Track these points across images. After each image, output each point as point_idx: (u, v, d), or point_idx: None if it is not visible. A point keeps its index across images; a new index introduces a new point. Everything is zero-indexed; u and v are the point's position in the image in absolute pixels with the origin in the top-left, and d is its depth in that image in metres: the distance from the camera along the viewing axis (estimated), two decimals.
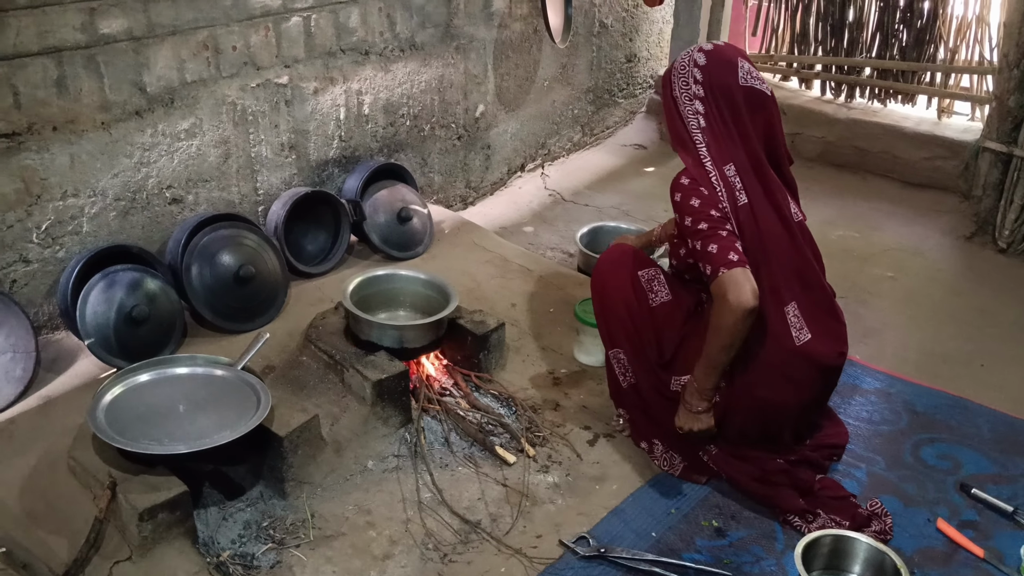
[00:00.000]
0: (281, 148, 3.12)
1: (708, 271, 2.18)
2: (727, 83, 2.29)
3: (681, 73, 2.32)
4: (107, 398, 2.22)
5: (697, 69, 2.30)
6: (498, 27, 3.85)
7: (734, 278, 2.13)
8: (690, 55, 2.33)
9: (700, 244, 2.20)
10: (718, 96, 2.29)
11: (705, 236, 2.19)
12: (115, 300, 2.53)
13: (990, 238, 3.83)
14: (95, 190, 2.64)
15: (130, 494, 2.04)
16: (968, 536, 2.30)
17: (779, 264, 2.30)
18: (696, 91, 2.30)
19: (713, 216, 2.21)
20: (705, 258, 2.18)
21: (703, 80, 2.29)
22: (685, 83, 2.31)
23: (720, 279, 2.15)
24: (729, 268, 2.14)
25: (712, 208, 2.22)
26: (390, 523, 2.28)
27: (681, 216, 2.27)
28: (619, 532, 2.27)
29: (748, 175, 2.29)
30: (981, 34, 4.13)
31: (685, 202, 2.25)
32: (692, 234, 2.23)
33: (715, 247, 2.17)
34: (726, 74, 2.29)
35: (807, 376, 2.35)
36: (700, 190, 2.24)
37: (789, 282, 2.32)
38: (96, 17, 2.48)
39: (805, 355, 2.30)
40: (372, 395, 2.46)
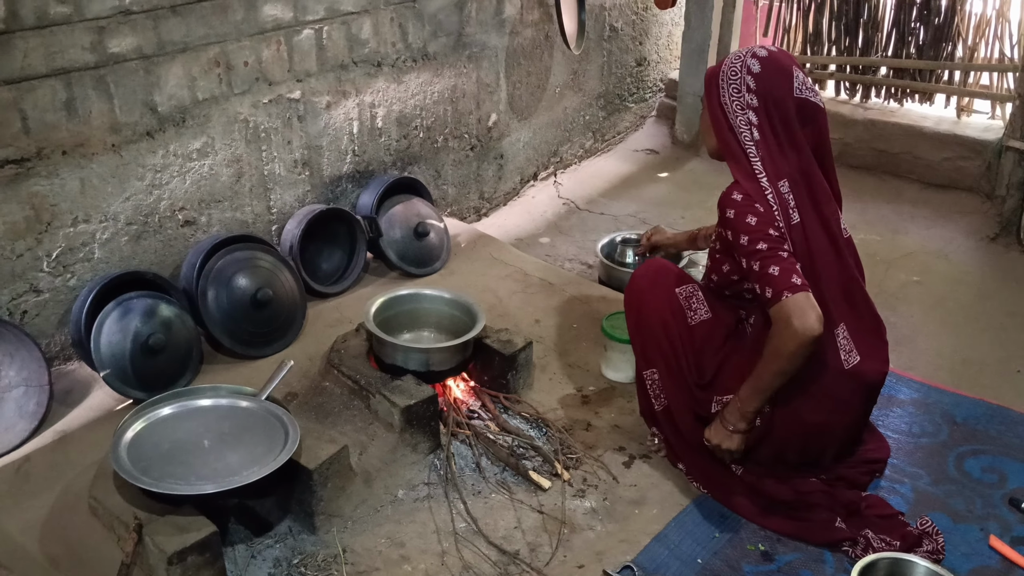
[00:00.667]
0: (294, 165, 3.03)
1: (768, 294, 2.07)
2: (782, 94, 2.16)
3: (732, 79, 2.18)
4: (129, 435, 2.12)
5: (751, 77, 2.16)
6: (509, 34, 3.77)
7: (798, 303, 2.03)
8: (743, 60, 2.19)
9: (759, 265, 2.09)
10: (771, 107, 2.16)
11: (764, 257, 2.08)
12: (131, 329, 2.45)
13: (1015, 239, 3.76)
14: (106, 215, 2.55)
15: (157, 536, 1.94)
16: (1022, 553, 2.22)
17: (828, 284, 2.21)
18: (749, 100, 2.17)
19: (771, 235, 2.11)
20: (765, 280, 2.08)
21: (757, 88, 2.16)
22: (736, 90, 2.17)
23: (784, 304, 2.04)
24: (793, 292, 2.04)
25: (769, 227, 2.11)
26: (425, 556, 2.19)
27: (735, 234, 2.15)
28: (664, 560, 2.19)
29: (800, 191, 2.19)
30: (1001, 31, 4.05)
31: (740, 219, 2.13)
32: (749, 254, 2.11)
33: (776, 269, 2.06)
34: (781, 83, 2.17)
35: (853, 398, 2.29)
36: (755, 207, 2.13)
37: (837, 303, 2.23)
38: (105, 36, 2.39)
39: (854, 377, 2.23)
40: (401, 422, 2.38)
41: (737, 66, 2.18)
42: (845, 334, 2.23)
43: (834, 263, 2.24)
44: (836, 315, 2.22)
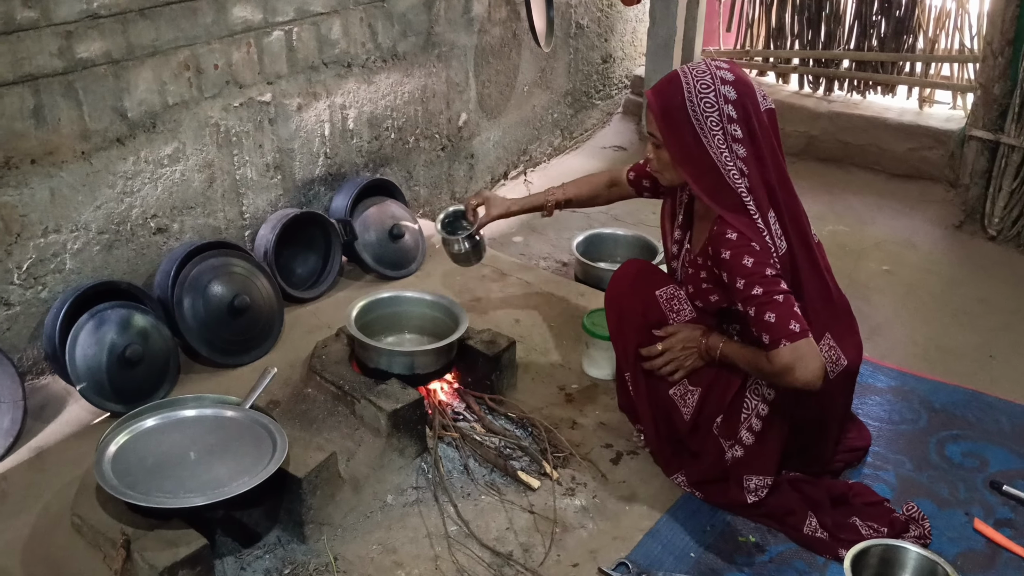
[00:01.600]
0: (266, 169, 2.98)
1: (766, 339, 2.00)
2: (759, 114, 2.07)
3: (710, 112, 2.03)
4: (112, 448, 2.07)
5: (730, 106, 2.04)
6: (478, 33, 3.75)
7: (800, 352, 1.96)
8: (715, 89, 2.04)
9: (755, 311, 2.01)
10: (755, 131, 2.05)
11: (760, 303, 2.00)
12: (106, 340, 2.39)
13: (979, 226, 3.83)
14: (77, 224, 2.49)
15: (146, 551, 1.90)
16: (1007, 535, 2.26)
17: (812, 299, 2.18)
18: (734, 132, 2.04)
19: (768, 276, 2.01)
20: (762, 327, 2.00)
21: (739, 118, 2.04)
22: (717, 124, 2.03)
23: (783, 351, 1.97)
24: (792, 340, 1.96)
25: (766, 267, 2.02)
26: (418, 561, 2.16)
27: (730, 276, 2.06)
28: (658, 555, 2.19)
29: (783, 214, 2.12)
30: (961, 22, 4.12)
31: (736, 261, 2.03)
32: (744, 299, 2.03)
33: (773, 316, 1.98)
34: (755, 103, 2.07)
35: (841, 395, 2.32)
36: (751, 245, 2.03)
37: (821, 313, 2.20)
38: (73, 41, 2.33)
39: (839, 377, 2.25)
40: (388, 426, 2.35)
41: (712, 97, 2.04)
42: (831, 343, 2.23)
43: (815, 276, 2.22)
44: (822, 328, 2.20)
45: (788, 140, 4.56)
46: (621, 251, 3.50)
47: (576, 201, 2.75)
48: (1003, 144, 3.66)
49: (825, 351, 2.21)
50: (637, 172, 2.64)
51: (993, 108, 3.67)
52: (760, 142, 2.08)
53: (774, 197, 2.11)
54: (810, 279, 2.20)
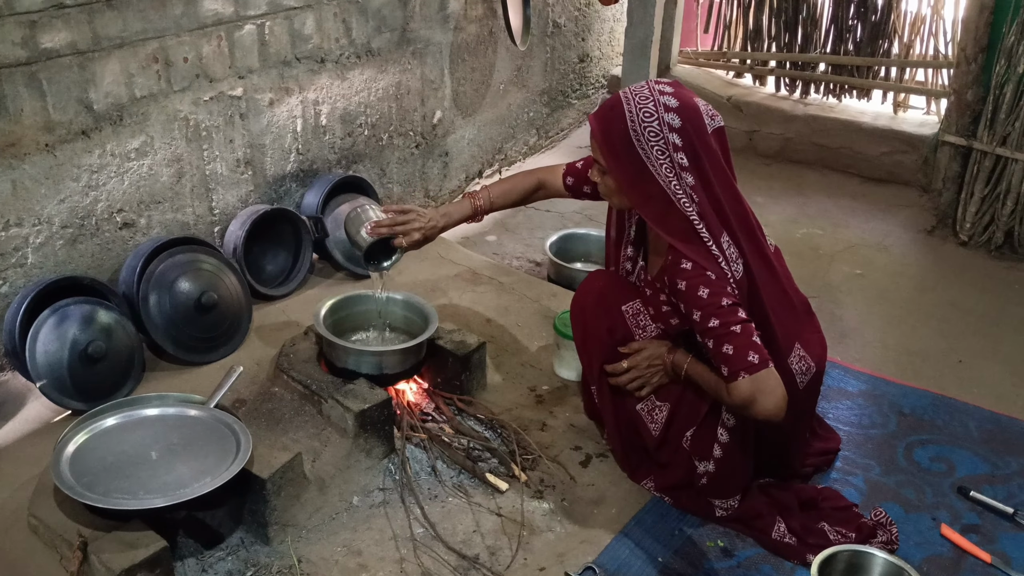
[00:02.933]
0: (237, 164, 2.94)
1: (725, 371, 1.96)
2: (704, 137, 2.02)
3: (655, 141, 1.99)
4: (70, 448, 2.03)
5: (675, 134, 1.99)
6: (454, 30, 3.72)
7: (758, 384, 1.91)
8: (658, 117, 1.99)
9: (712, 343, 1.97)
10: (701, 157, 2.01)
11: (718, 335, 1.95)
12: (68, 337, 2.34)
13: (951, 231, 3.85)
14: (40, 218, 2.44)
15: (103, 554, 1.86)
16: (972, 540, 2.27)
17: (777, 315, 2.16)
18: (680, 160, 2.00)
19: (724, 307, 1.96)
20: (720, 359, 1.96)
21: (684, 145, 2.00)
22: (662, 152, 1.99)
23: (741, 384, 1.93)
24: (751, 372, 1.91)
25: (722, 296, 1.98)
26: (383, 564, 2.14)
27: (687, 308, 2.02)
28: (626, 559, 2.17)
29: (735, 234, 2.08)
30: (936, 28, 4.14)
31: (692, 292, 1.99)
32: (703, 331, 1.99)
33: (730, 348, 1.94)
34: (700, 126, 2.02)
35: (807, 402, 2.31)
36: (707, 275, 1.99)
37: (787, 324, 2.19)
38: (37, 31, 2.28)
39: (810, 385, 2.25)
40: (354, 427, 2.32)
41: (655, 126, 1.99)
42: (801, 352, 2.22)
43: (776, 291, 2.20)
44: (788, 342, 2.19)
45: (763, 142, 4.58)
46: (595, 251, 3.49)
47: (501, 205, 2.58)
48: (975, 150, 3.68)
49: (796, 363, 2.20)
50: (576, 178, 2.50)
51: (966, 114, 3.69)
52: (707, 167, 2.03)
53: (726, 220, 2.07)
54: (771, 294, 2.17)
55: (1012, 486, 2.46)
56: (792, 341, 2.21)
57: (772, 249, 2.27)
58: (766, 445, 2.27)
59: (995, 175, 3.64)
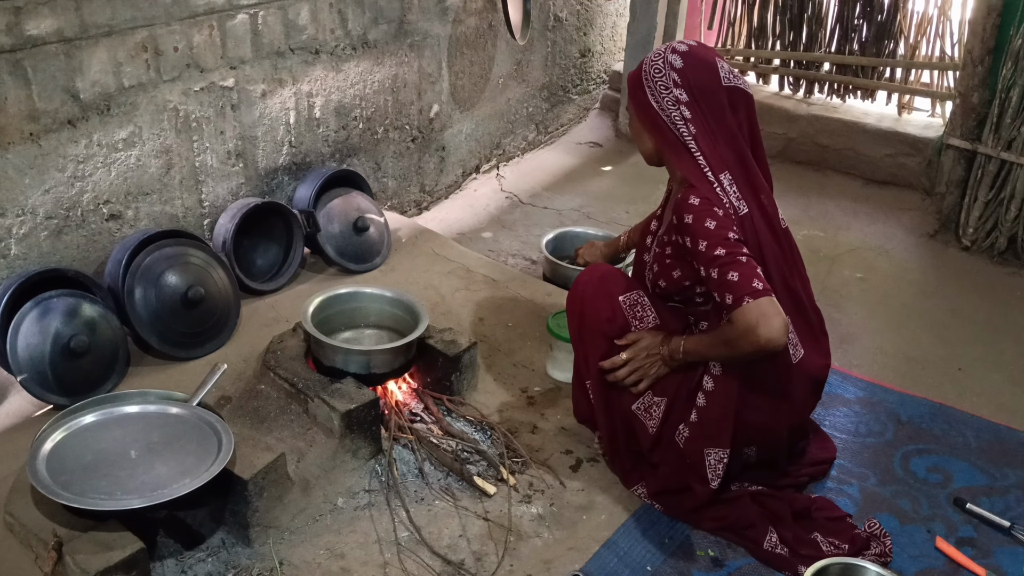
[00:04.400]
0: (227, 156, 2.89)
1: (729, 300, 1.98)
2: (710, 85, 2.11)
3: (657, 77, 2.13)
4: (48, 445, 1.99)
5: (675, 72, 2.11)
6: (452, 22, 3.67)
7: (762, 308, 1.94)
8: (663, 57, 2.14)
9: (717, 272, 2.00)
10: (700, 98, 2.11)
11: (723, 263, 1.99)
12: (50, 330, 2.30)
13: (953, 236, 3.80)
14: (24, 208, 2.39)
15: (79, 554, 1.82)
16: (967, 554, 2.23)
17: (773, 279, 2.14)
18: (679, 95, 2.11)
19: (730, 239, 2.02)
20: (725, 287, 1.99)
21: (683, 83, 2.11)
22: (664, 86, 2.12)
23: (746, 308, 1.95)
24: (755, 297, 1.95)
25: (728, 230, 2.03)
26: (366, 568, 2.10)
27: (693, 240, 2.06)
28: (613, 567, 2.13)
29: (742, 182, 2.13)
30: (942, 29, 4.08)
31: (699, 224, 2.05)
32: (708, 261, 2.02)
33: (735, 275, 1.97)
34: (707, 75, 2.11)
35: (800, 393, 2.25)
36: (714, 210, 2.05)
37: (781, 298, 2.14)
38: (22, 17, 2.23)
39: (801, 372, 2.20)
40: (341, 427, 2.28)
41: (659, 63, 2.13)
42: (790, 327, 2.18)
43: (779, 256, 2.19)
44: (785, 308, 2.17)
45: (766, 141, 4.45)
46: None
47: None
48: (980, 154, 3.62)
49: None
50: None
51: (971, 117, 3.63)
52: (706, 110, 2.12)
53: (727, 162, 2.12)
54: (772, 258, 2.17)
55: (1010, 499, 2.42)
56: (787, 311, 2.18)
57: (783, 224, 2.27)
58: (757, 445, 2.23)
59: (999, 180, 3.59)
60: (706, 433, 2.18)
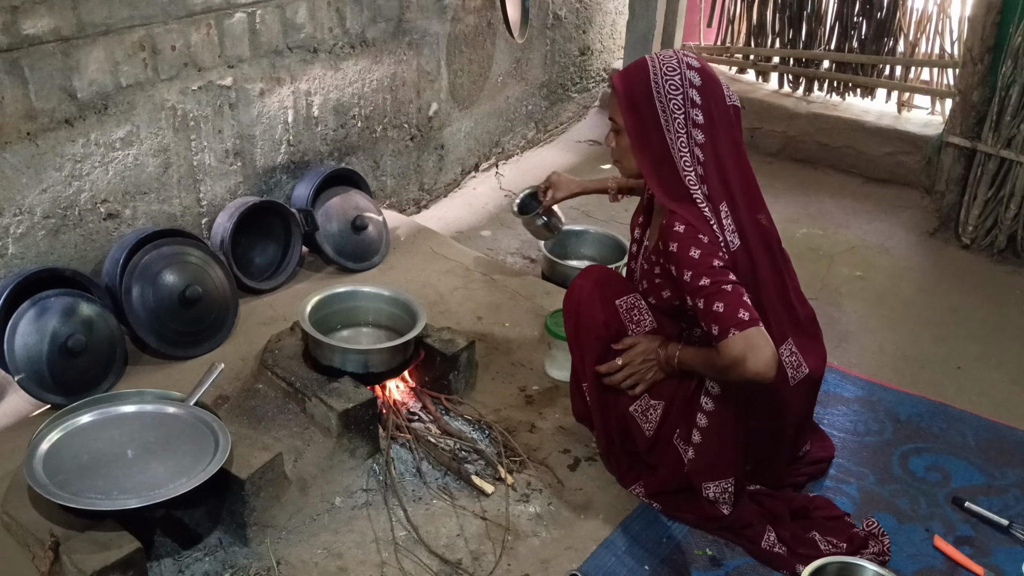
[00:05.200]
0: (225, 155, 2.89)
1: (715, 331, 1.92)
2: (723, 104, 2.03)
3: (674, 95, 2.01)
4: (44, 446, 1.99)
5: (695, 91, 2.00)
6: (451, 20, 3.66)
7: (749, 340, 1.88)
8: (682, 74, 2.01)
9: (703, 302, 1.94)
10: (716, 120, 2.02)
11: (708, 293, 1.93)
12: (48, 329, 2.30)
13: (953, 234, 3.80)
14: (21, 208, 2.39)
15: (75, 554, 1.82)
16: (966, 553, 2.22)
17: (771, 302, 2.12)
18: (696, 117, 2.01)
19: (715, 267, 1.95)
20: (710, 317, 1.93)
21: (703, 104, 2.01)
22: (680, 107, 2.00)
23: (732, 340, 1.89)
24: (741, 328, 1.88)
25: (713, 258, 1.96)
26: (364, 567, 2.10)
27: (678, 269, 2.00)
28: (611, 567, 2.13)
29: (738, 209, 2.06)
30: (942, 26, 4.08)
31: (683, 253, 1.98)
32: (693, 291, 1.96)
33: (721, 305, 1.91)
34: (720, 93, 2.03)
35: (800, 404, 2.26)
36: (699, 237, 1.98)
37: (781, 316, 2.15)
38: (19, 16, 2.23)
39: (800, 385, 2.19)
40: (338, 426, 2.27)
41: (677, 80, 2.01)
42: (792, 348, 2.17)
43: (775, 277, 2.16)
44: (783, 331, 2.15)
45: (765, 139, 4.52)
46: (590, 249, 3.44)
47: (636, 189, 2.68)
48: (980, 152, 3.62)
49: (786, 356, 2.15)
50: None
51: (971, 115, 3.63)
52: (719, 132, 2.03)
53: (729, 190, 2.06)
54: (769, 282, 2.13)
55: (1008, 497, 2.42)
56: (785, 335, 2.16)
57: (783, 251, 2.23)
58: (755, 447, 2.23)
59: (999, 178, 3.58)
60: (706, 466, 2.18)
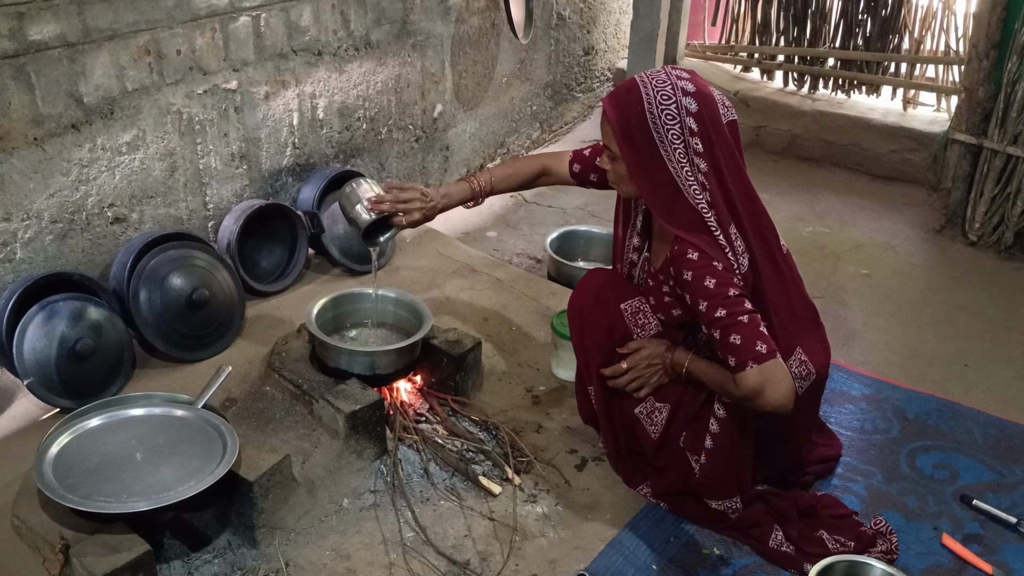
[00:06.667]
0: (231, 158, 2.90)
1: (732, 362, 1.90)
2: (719, 126, 2.00)
3: (671, 125, 1.95)
4: (54, 449, 2.00)
5: (692, 118, 1.95)
6: (455, 22, 3.67)
7: (767, 375, 1.87)
8: (677, 102, 1.95)
9: (719, 333, 1.92)
10: (715, 145, 1.98)
11: (725, 325, 1.91)
12: (56, 333, 2.31)
13: (960, 231, 3.79)
14: (29, 212, 2.40)
15: (85, 557, 1.83)
16: (974, 551, 2.22)
17: (779, 315, 2.11)
18: (696, 146, 1.96)
19: (731, 297, 1.92)
20: (727, 348, 1.91)
21: (700, 131, 1.96)
22: (679, 137, 1.95)
23: (750, 373, 1.88)
24: (759, 361, 1.87)
25: (729, 287, 1.93)
26: (372, 568, 2.10)
27: (693, 299, 1.96)
28: (619, 567, 2.13)
29: (744, 227, 2.04)
30: (947, 23, 4.07)
31: (698, 283, 1.94)
32: (709, 322, 1.94)
33: (738, 338, 1.89)
34: (716, 115, 2.00)
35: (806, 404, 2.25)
36: (714, 265, 1.94)
37: (789, 327, 2.14)
38: (25, 22, 2.24)
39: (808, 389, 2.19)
40: (345, 428, 2.28)
41: (673, 110, 1.95)
42: (802, 357, 2.16)
43: (781, 289, 2.15)
44: (790, 340, 2.14)
45: (771, 138, 4.52)
46: (596, 249, 3.44)
47: (502, 189, 2.55)
48: (986, 149, 3.61)
49: (796, 367, 2.14)
50: (583, 165, 2.45)
51: (977, 112, 3.62)
52: (720, 155, 2.00)
53: (735, 211, 2.03)
54: (775, 293, 2.13)
55: (1016, 495, 2.41)
56: (793, 345, 2.15)
57: (784, 251, 2.23)
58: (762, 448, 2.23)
59: (1005, 174, 3.58)
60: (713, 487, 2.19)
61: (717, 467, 2.16)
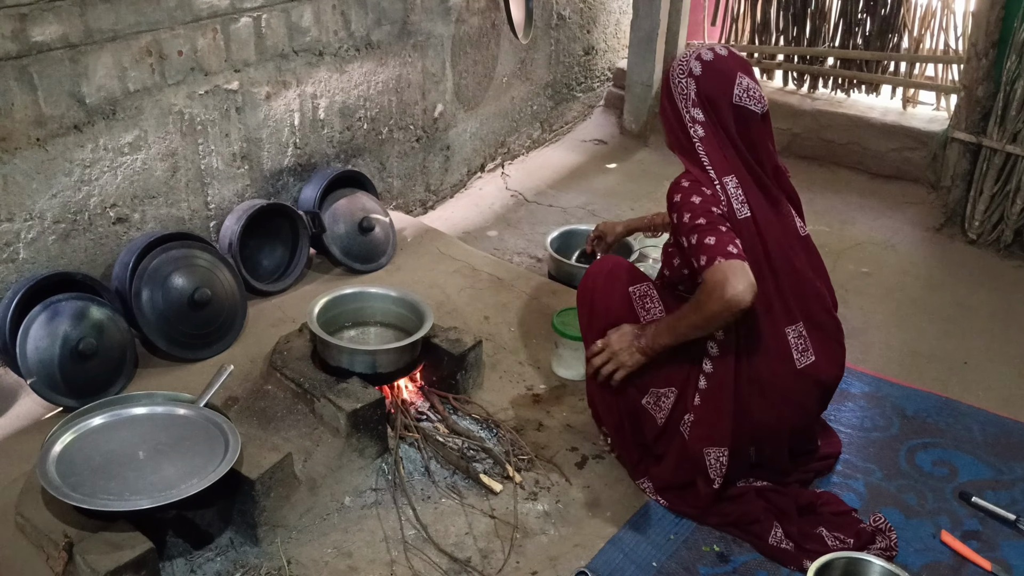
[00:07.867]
0: (233, 158, 2.91)
1: (703, 261, 2.01)
2: (719, 99, 2.16)
3: (677, 80, 2.20)
4: (57, 448, 2.01)
5: (691, 79, 2.17)
6: (456, 22, 3.68)
7: (732, 268, 1.97)
8: (687, 62, 2.19)
9: (696, 238, 2.04)
10: (710, 109, 2.17)
11: (702, 229, 2.04)
12: (59, 333, 2.32)
13: (959, 229, 3.80)
14: (32, 213, 2.42)
15: (89, 555, 1.84)
16: (973, 548, 2.23)
17: (784, 280, 2.16)
18: (693, 99, 2.18)
19: (713, 212, 2.07)
20: (700, 250, 2.02)
21: (697, 90, 2.17)
22: (683, 91, 2.19)
23: (716, 267, 1.98)
24: (727, 259, 1.98)
25: (713, 205, 2.09)
26: (373, 566, 2.12)
27: (679, 214, 2.11)
28: (619, 564, 2.14)
29: (751, 189, 2.15)
30: (946, 22, 4.07)
31: (685, 199, 2.11)
32: (689, 230, 2.07)
33: (712, 239, 2.01)
34: (721, 88, 2.16)
35: (805, 398, 2.25)
36: (702, 189, 2.11)
37: (790, 302, 2.17)
38: (28, 24, 2.25)
39: (806, 377, 2.20)
40: (347, 426, 2.29)
41: (683, 67, 2.20)
42: (802, 332, 2.19)
43: (792, 261, 2.19)
44: (788, 314, 2.17)
45: None
46: None
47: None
48: (985, 147, 3.62)
49: (792, 337, 2.18)
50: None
51: (976, 110, 3.63)
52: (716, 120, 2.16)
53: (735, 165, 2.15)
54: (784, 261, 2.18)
55: (1015, 492, 2.42)
56: (796, 318, 2.19)
57: (803, 232, 2.31)
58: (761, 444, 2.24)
59: (1005, 173, 3.58)
60: (706, 430, 2.19)
61: (709, 408, 2.19)
